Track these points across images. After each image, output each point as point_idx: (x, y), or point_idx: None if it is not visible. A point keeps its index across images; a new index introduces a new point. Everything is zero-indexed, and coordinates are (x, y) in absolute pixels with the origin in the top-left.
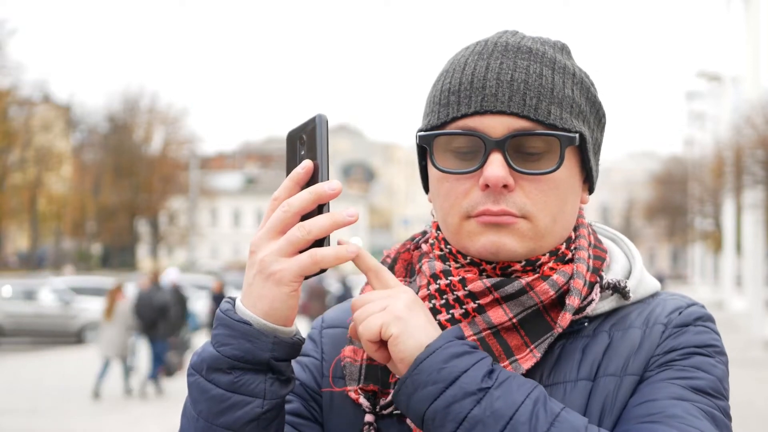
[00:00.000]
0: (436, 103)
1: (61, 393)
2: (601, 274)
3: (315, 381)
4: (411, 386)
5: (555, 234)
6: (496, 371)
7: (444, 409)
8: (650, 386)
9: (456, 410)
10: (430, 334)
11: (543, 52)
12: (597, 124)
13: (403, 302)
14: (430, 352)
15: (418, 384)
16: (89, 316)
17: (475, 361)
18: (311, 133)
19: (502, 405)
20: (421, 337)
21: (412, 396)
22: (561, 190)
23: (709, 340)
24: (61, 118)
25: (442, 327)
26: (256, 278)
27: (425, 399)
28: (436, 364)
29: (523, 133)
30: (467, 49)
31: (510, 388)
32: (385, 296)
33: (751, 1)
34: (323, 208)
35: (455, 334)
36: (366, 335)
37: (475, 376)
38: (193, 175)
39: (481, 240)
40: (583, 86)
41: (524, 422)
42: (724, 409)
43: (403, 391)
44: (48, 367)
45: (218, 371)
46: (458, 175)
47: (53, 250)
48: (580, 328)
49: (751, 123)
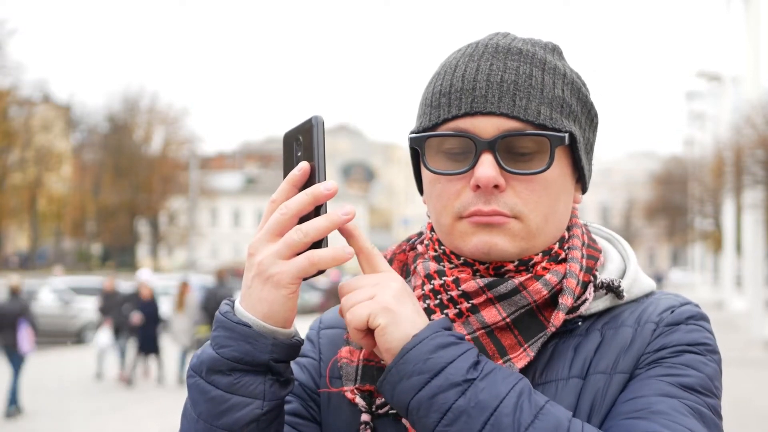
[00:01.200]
0: (428, 105)
1: (61, 393)
2: (594, 274)
3: (313, 381)
4: (396, 376)
5: (547, 234)
6: (482, 363)
7: (429, 399)
8: (639, 383)
9: (441, 401)
10: (417, 325)
11: (533, 53)
12: (589, 124)
13: (391, 291)
14: (416, 342)
15: (403, 374)
16: (89, 316)
17: (461, 352)
18: (307, 135)
19: (486, 396)
20: (408, 328)
21: (397, 385)
22: (552, 189)
23: (701, 338)
24: (61, 118)
25: None
26: (255, 281)
27: (410, 389)
28: (422, 355)
29: (513, 133)
30: (459, 52)
31: (495, 379)
32: (374, 283)
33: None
34: (320, 209)
35: (442, 324)
36: (353, 323)
37: (461, 368)
38: (193, 175)
39: (473, 240)
40: (573, 86)
41: (508, 414)
42: (713, 406)
43: (388, 380)
44: (48, 367)
45: (218, 373)
46: (450, 176)
47: (53, 250)
48: (574, 327)
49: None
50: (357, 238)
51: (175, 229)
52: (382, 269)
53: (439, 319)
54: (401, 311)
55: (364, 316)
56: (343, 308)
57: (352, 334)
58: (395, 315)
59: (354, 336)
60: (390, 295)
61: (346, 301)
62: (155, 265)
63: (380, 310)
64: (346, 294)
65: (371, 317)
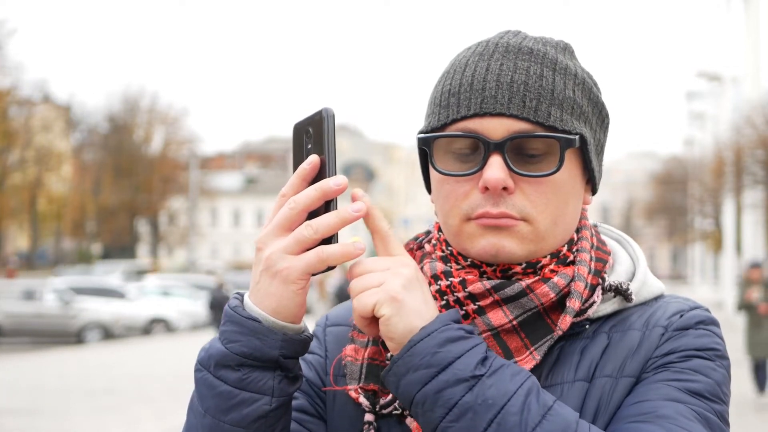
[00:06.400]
0: (437, 104)
1: (61, 393)
2: (603, 276)
3: (320, 378)
4: (403, 368)
5: (556, 236)
6: (490, 359)
7: (435, 394)
8: (645, 387)
9: (447, 396)
10: (425, 316)
11: (544, 53)
12: (599, 125)
13: (401, 279)
14: (425, 334)
15: (410, 366)
16: (89, 316)
17: (470, 347)
18: (318, 127)
19: (494, 393)
20: (414, 320)
21: (403, 378)
22: (561, 192)
23: (711, 343)
24: (61, 118)
25: None
26: (263, 276)
27: (416, 382)
28: (430, 348)
29: (523, 135)
30: (469, 50)
31: (503, 376)
32: (385, 268)
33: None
34: (330, 204)
35: (451, 317)
36: (359, 310)
37: (469, 363)
38: (193, 175)
39: (481, 242)
40: (585, 87)
41: (515, 413)
42: (720, 413)
43: (394, 371)
44: (48, 367)
45: (226, 368)
46: (458, 177)
47: (53, 250)
48: (581, 330)
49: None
50: (374, 217)
51: (175, 229)
52: (397, 252)
53: (448, 311)
54: (408, 301)
55: (370, 304)
56: (351, 292)
57: (356, 319)
58: (401, 305)
59: (358, 322)
60: (399, 284)
61: (355, 284)
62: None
63: (387, 300)
64: (357, 276)
65: (377, 306)
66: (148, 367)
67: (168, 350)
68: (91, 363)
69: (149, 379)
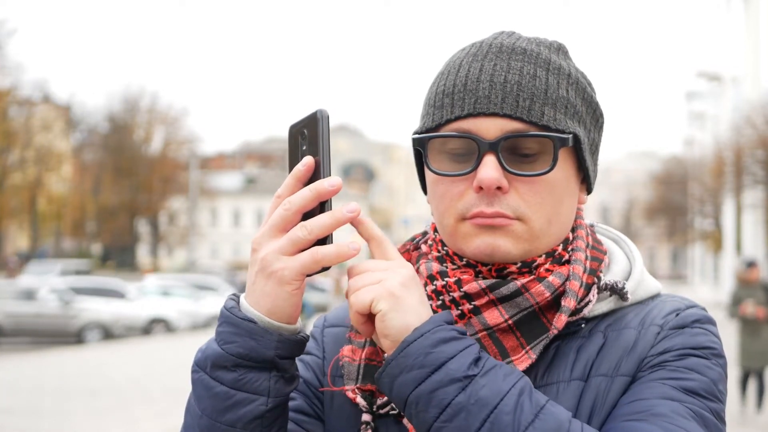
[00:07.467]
0: (431, 105)
1: (61, 393)
2: (599, 275)
3: (317, 379)
4: (396, 368)
5: (551, 235)
6: (483, 359)
7: (428, 394)
8: (641, 385)
9: (440, 396)
10: (421, 316)
11: (537, 53)
12: (594, 124)
13: (399, 278)
14: (418, 335)
15: (403, 367)
16: (89, 316)
17: (463, 347)
18: (312, 129)
19: (487, 393)
20: (410, 317)
21: (396, 378)
22: (556, 191)
23: (707, 342)
24: (61, 118)
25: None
26: (258, 276)
27: (410, 383)
28: (423, 348)
29: (517, 134)
30: (463, 51)
31: (496, 376)
32: (383, 268)
33: (751, 1)
34: (325, 205)
35: (444, 318)
36: (356, 306)
37: (462, 363)
38: (193, 175)
39: (476, 242)
40: (578, 87)
41: (508, 412)
42: (716, 411)
43: (387, 372)
44: (48, 367)
45: (222, 369)
46: (453, 177)
47: (53, 250)
48: (577, 329)
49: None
50: (366, 225)
51: (175, 229)
52: (393, 257)
53: (441, 312)
54: (406, 299)
55: (368, 300)
56: (349, 290)
57: (352, 317)
58: (399, 302)
59: (354, 320)
60: (397, 282)
61: (353, 283)
62: (155, 265)
63: (385, 295)
64: (355, 276)
65: (374, 301)
66: (148, 367)
67: (168, 350)
68: (91, 363)
69: (149, 379)
